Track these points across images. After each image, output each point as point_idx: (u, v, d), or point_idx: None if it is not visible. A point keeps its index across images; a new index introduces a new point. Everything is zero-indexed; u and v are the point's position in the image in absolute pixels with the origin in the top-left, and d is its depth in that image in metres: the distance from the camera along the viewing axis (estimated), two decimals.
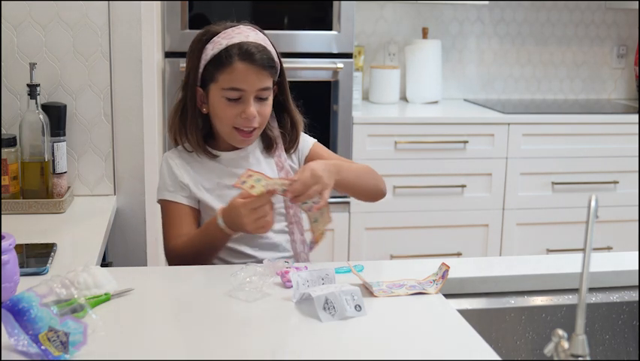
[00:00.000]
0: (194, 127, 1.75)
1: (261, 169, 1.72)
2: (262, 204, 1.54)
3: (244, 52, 1.66)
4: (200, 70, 1.71)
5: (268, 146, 1.79)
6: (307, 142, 1.86)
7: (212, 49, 1.69)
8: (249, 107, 1.67)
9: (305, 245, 1.82)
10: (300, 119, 1.82)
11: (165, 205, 1.76)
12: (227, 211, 1.59)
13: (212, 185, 1.74)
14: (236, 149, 1.76)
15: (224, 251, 1.73)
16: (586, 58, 4.03)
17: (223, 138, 1.75)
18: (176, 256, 1.70)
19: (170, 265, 1.73)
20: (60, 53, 2.12)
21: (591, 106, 3.82)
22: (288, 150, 1.82)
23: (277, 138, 1.80)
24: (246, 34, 1.70)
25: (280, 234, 1.78)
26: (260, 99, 1.70)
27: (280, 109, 1.80)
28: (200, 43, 1.72)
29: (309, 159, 1.82)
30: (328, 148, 3.26)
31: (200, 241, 1.67)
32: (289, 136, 1.81)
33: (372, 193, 1.80)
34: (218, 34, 1.71)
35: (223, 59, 1.67)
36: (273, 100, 1.77)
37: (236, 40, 1.68)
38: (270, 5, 3.14)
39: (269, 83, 1.70)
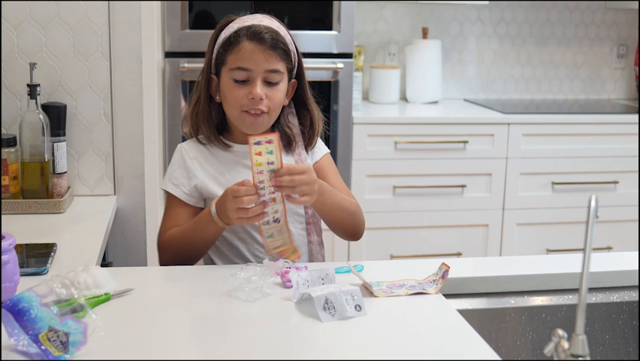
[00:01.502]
0: (206, 116, 1.73)
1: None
2: (246, 194, 1.50)
3: (252, 32, 1.65)
4: (214, 56, 1.71)
5: (288, 143, 1.76)
6: (322, 149, 1.83)
7: (224, 33, 1.70)
8: (255, 87, 1.65)
9: (322, 247, 1.80)
10: (319, 116, 1.80)
11: (167, 195, 1.76)
12: (220, 198, 1.57)
13: (224, 178, 1.71)
14: (245, 142, 1.70)
15: (234, 253, 1.72)
16: (586, 58, 4.03)
17: (234, 123, 1.72)
18: (167, 244, 1.68)
19: (159, 254, 1.71)
20: (60, 53, 2.12)
21: (591, 106, 3.82)
22: (306, 147, 1.79)
23: (297, 135, 1.77)
24: (259, 19, 1.70)
25: (297, 237, 1.75)
26: (269, 83, 1.67)
27: (299, 105, 1.79)
28: (216, 31, 1.73)
29: (316, 166, 1.79)
30: (328, 148, 3.28)
31: (193, 230, 1.64)
32: (308, 133, 1.78)
33: (347, 230, 1.74)
34: (232, 20, 1.72)
35: (232, 39, 1.66)
36: (294, 96, 1.77)
37: (248, 23, 1.68)
38: (270, 5, 3.11)
39: (278, 66, 1.67)
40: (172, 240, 1.68)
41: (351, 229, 1.75)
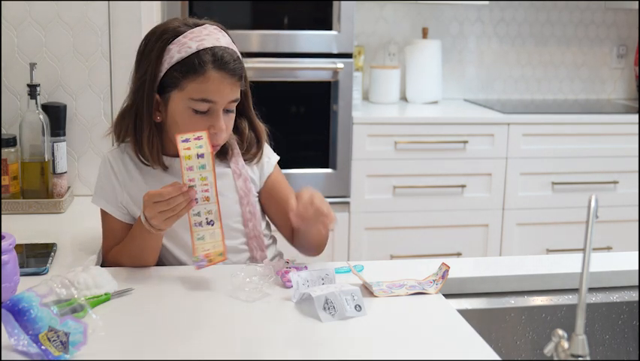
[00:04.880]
0: (152, 139, 1.57)
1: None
2: (167, 199, 1.41)
3: (219, 59, 1.50)
4: (161, 74, 1.53)
5: (224, 153, 1.64)
6: (271, 158, 1.72)
7: (178, 51, 1.51)
8: (220, 120, 1.51)
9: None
10: (262, 129, 1.68)
11: (101, 212, 1.66)
12: (143, 206, 1.47)
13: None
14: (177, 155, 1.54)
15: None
16: (586, 58, 4.03)
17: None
18: (114, 263, 1.59)
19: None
20: (60, 53, 2.12)
21: (591, 106, 3.82)
22: (249, 160, 1.68)
23: (233, 145, 1.65)
24: (215, 36, 1.54)
25: (237, 253, 1.65)
26: (227, 111, 1.55)
27: (241, 116, 1.66)
28: (161, 43, 1.53)
29: (270, 179, 1.70)
30: (329, 148, 3.28)
31: (133, 244, 1.56)
32: (249, 145, 1.66)
33: (316, 249, 1.67)
34: (181, 33, 1.53)
35: (195, 65, 1.49)
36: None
37: (207, 43, 1.51)
38: (270, 5, 3.14)
39: (238, 93, 1.56)
40: (118, 258, 1.59)
41: (318, 248, 1.67)
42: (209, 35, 1.53)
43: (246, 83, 1.62)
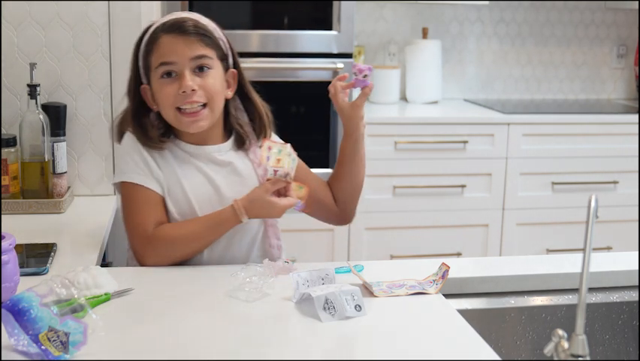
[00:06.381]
0: (148, 125, 1.62)
1: (233, 167, 1.66)
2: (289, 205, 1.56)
3: (168, 25, 1.58)
4: (140, 65, 1.63)
5: (240, 143, 1.68)
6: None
7: (145, 38, 1.63)
8: (184, 79, 1.55)
9: (281, 252, 1.71)
10: (263, 106, 1.70)
11: (133, 189, 1.60)
12: (250, 204, 1.55)
13: (174, 176, 1.62)
14: (200, 144, 1.64)
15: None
16: (586, 58, 4.03)
17: (173, 126, 1.62)
18: (164, 241, 1.55)
19: (149, 250, 1.56)
20: (60, 53, 2.12)
21: (591, 106, 3.82)
22: (258, 137, 1.70)
23: (250, 133, 1.69)
24: (178, 14, 1.64)
25: (254, 243, 1.69)
26: (200, 71, 1.58)
27: (245, 100, 1.70)
28: (137, 42, 1.64)
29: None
30: (329, 148, 3.28)
31: (209, 228, 1.56)
32: (258, 127, 1.70)
33: (357, 194, 1.79)
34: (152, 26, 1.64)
35: (150, 39, 1.60)
36: (238, 92, 1.68)
37: (165, 19, 1.62)
38: (270, 5, 3.13)
39: (204, 51, 1.58)
40: (175, 236, 1.56)
41: (355, 191, 1.77)
42: (172, 15, 1.63)
43: (239, 66, 1.67)
